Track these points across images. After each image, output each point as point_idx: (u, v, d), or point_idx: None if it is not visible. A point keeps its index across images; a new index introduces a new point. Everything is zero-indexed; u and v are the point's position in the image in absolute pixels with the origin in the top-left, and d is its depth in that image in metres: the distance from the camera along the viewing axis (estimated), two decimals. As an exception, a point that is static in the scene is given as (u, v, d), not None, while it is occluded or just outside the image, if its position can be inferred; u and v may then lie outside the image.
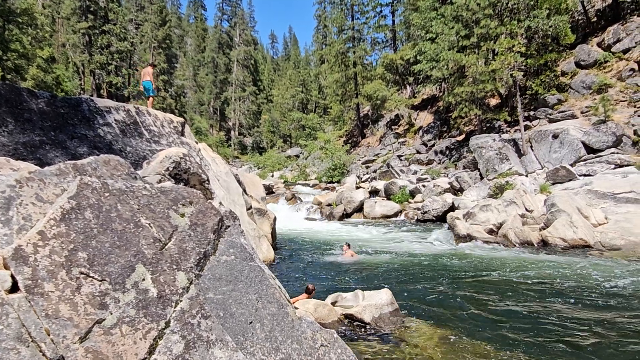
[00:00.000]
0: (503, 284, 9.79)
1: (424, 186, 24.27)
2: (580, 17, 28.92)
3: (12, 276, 2.51)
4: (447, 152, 29.97)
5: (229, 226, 3.69)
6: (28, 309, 2.45)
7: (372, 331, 6.92)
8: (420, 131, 36.12)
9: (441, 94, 36.53)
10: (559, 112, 23.28)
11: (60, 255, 2.65)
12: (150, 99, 14.41)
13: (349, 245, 13.16)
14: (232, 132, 79.01)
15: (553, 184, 18.16)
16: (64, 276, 2.60)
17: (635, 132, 19.53)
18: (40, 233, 2.67)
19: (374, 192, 26.29)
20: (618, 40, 24.64)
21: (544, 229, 13.88)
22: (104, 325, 2.57)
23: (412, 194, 24.21)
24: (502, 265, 11.53)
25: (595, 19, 28.17)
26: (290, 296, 4.20)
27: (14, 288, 2.50)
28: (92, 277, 2.68)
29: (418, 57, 32.72)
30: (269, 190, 29.76)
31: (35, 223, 2.84)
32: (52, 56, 41.57)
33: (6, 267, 2.53)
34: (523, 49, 22.96)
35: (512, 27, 24.00)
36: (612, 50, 24.60)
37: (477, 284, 9.85)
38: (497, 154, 21.81)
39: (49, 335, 2.43)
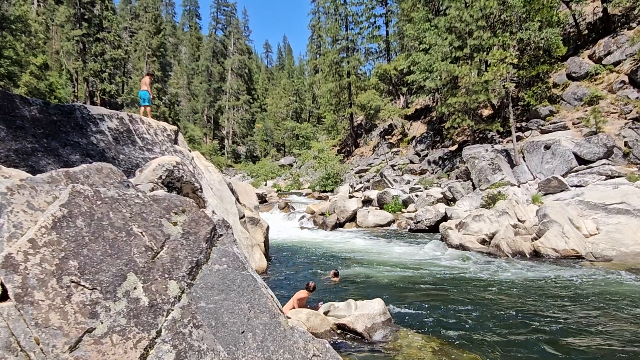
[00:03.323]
0: (495, 294, 9.80)
1: (417, 196, 24.34)
2: (571, 30, 29.27)
3: (2, 284, 2.49)
4: (440, 162, 30.09)
5: (221, 235, 3.68)
6: (17, 317, 2.42)
7: (365, 341, 6.90)
8: (414, 141, 36.27)
9: (434, 104, 36.76)
10: (551, 124, 23.50)
11: (51, 264, 2.63)
12: (143, 108, 14.18)
13: (336, 274, 11.17)
14: (226, 141, 78.93)
15: (545, 194, 18.27)
16: (55, 285, 2.58)
17: (626, 144, 19.72)
18: (31, 241, 2.66)
19: (367, 202, 26.33)
20: (609, 53, 24.95)
21: (536, 239, 13.93)
22: (94, 335, 2.55)
23: (405, 203, 24.27)
24: (494, 276, 11.55)
25: (586, 31, 28.52)
26: (282, 305, 4.18)
27: (4, 296, 2.48)
28: (83, 286, 2.66)
29: (411, 68, 32.94)
30: (262, 199, 29.71)
31: (26, 231, 2.82)
32: (46, 63, 41.43)
33: (-4, 275, 2.51)
34: (515, 61, 23.19)
35: (504, 39, 24.27)
36: (603, 62, 24.89)
37: (469, 294, 9.85)
38: (489, 164, 21.93)
39: (38, 344, 2.40)
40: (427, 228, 19.94)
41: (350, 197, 28.10)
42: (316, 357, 3.52)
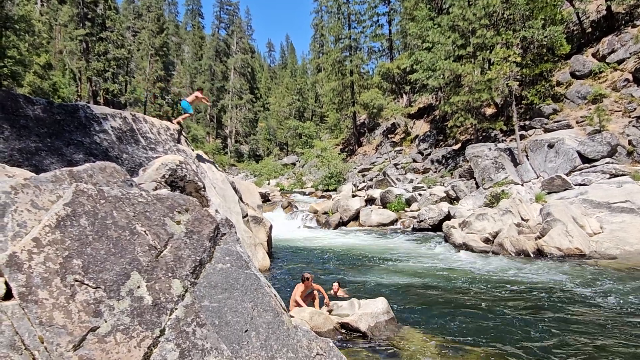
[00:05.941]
0: (498, 293, 9.78)
1: (420, 195, 24.29)
2: (575, 28, 29.16)
3: (6, 283, 2.50)
4: (443, 161, 30.04)
5: (225, 234, 3.68)
6: (22, 316, 2.43)
7: (368, 340, 6.90)
8: (417, 140, 36.22)
9: (437, 103, 36.68)
10: (555, 122, 23.42)
11: (54, 262, 2.64)
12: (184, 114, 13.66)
13: (339, 284, 10.38)
14: (229, 140, 78.96)
15: (548, 193, 18.21)
16: (59, 283, 2.58)
17: (630, 142, 19.63)
18: (35, 240, 2.66)
19: (370, 201, 26.29)
20: (613, 51, 24.83)
21: (540, 238, 13.89)
22: (98, 333, 2.55)
23: (408, 202, 24.22)
24: (498, 275, 11.52)
25: (590, 29, 28.40)
26: (285, 304, 4.18)
27: (8, 295, 2.49)
28: (87, 285, 2.66)
29: (414, 66, 32.85)
30: (265, 198, 29.72)
31: (30, 230, 2.82)
32: (49, 63, 41.53)
33: (0, 274, 2.52)
34: (519, 59, 23.11)
35: (507, 37, 24.17)
36: (606, 60, 24.78)
37: (472, 293, 9.84)
38: (493, 163, 21.87)
39: (42, 343, 2.41)
40: (430, 227, 19.90)
41: (353, 196, 28.06)
42: (320, 356, 3.52)
